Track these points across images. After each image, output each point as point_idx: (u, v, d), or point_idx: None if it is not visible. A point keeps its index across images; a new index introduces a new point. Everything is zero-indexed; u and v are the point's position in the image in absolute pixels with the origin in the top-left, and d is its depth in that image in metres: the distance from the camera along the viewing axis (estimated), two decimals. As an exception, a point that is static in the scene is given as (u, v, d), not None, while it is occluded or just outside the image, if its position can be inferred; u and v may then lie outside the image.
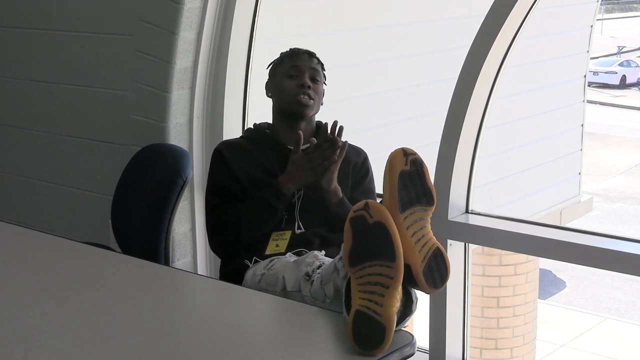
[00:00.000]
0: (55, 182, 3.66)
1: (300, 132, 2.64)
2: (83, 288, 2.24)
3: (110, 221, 3.07)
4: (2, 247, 2.56)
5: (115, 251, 2.88)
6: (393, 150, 1.98)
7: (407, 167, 1.94)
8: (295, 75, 2.73)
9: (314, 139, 2.62)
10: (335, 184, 2.64)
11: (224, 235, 2.66)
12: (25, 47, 3.68)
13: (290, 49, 2.83)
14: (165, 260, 2.97)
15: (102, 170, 3.44)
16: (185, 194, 3.20)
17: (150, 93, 3.23)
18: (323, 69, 2.81)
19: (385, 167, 1.97)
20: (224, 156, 2.71)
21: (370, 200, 1.89)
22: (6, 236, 2.67)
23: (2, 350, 1.85)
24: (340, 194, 2.64)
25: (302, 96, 2.69)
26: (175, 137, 3.24)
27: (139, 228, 3.00)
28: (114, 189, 3.07)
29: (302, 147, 2.65)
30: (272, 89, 2.79)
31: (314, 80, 2.73)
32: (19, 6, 3.66)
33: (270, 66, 2.83)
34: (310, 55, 2.79)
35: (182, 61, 3.18)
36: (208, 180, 2.76)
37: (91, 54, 3.43)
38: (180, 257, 3.28)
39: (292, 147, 2.66)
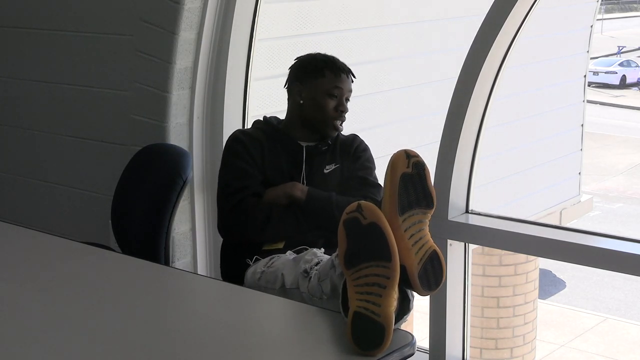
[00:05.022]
0: (55, 182, 3.66)
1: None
2: (83, 288, 2.24)
3: (110, 221, 3.07)
4: (2, 247, 2.56)
5: (115, 251, 2.88)
6: (395, 152, 1.98)
7: (408, 169, 1.94)
8: (336, 96, 2.69)
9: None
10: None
11: (247, 223, 2.59)
12: (25, 47, 3.67)
13: (330, 59, 2.73)
14: (165, 260, 2.97)
15: (102, 170, 3.44)
16: (185, 194, 3.20)
17: (150, 93, 3.23)
18: None
19: (387, 168, 1.97)
20: (245, 144, 2.68)
21: (362, 202, 1.88)
22: (6, 236, 2.67)
23: (2, 350, 1.85)
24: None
25: (338, 122, 2.70)
26: (175, 137, 3.23)
27: (139, 228, 3.00)
28: (114, 189, 3.07)
29: (310, 143, 2.70)
30: (305, 97, 2.71)
31: (347, 101, 2.72)
32: (19, 6, 3.66)
33: (298, 67, 2.74)
34: (348, 74, 2.73)
35: (182, 61, 3.18)
36: (227, 163, 2.69)
37: (91, 54, 3.43)
38: (180, 257, 3.28)
39: (302, 144, 2.69)
